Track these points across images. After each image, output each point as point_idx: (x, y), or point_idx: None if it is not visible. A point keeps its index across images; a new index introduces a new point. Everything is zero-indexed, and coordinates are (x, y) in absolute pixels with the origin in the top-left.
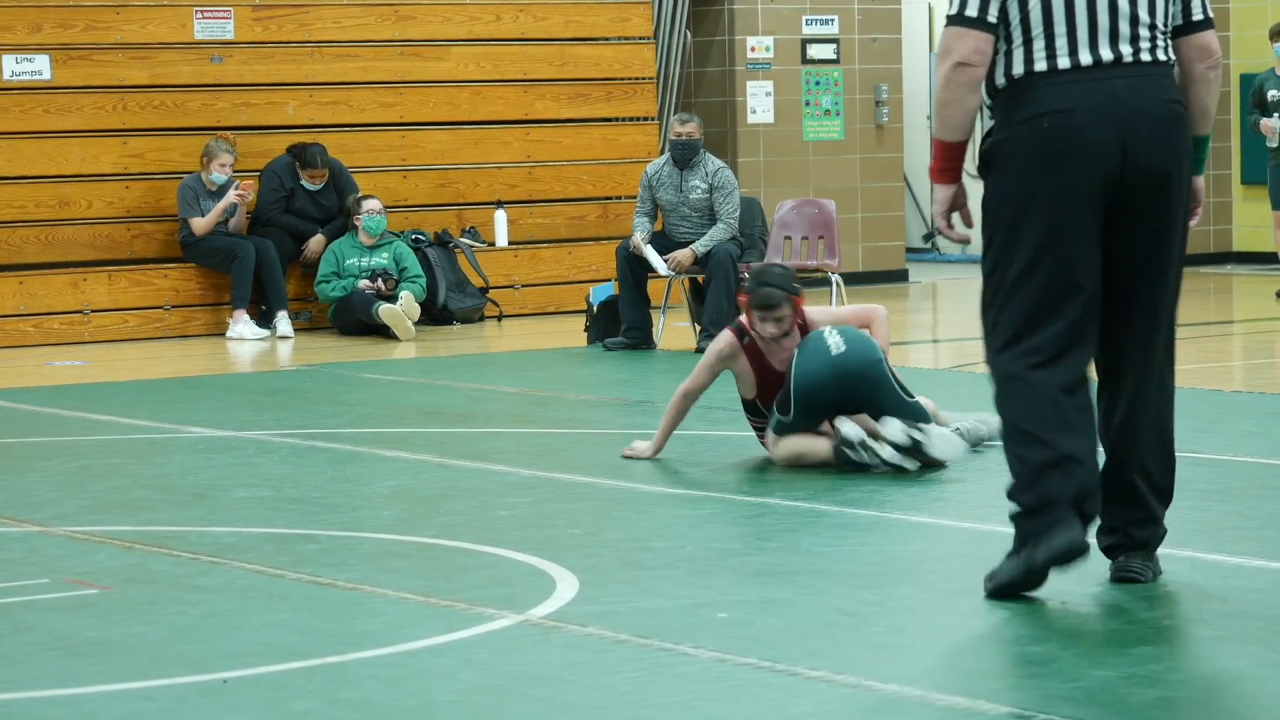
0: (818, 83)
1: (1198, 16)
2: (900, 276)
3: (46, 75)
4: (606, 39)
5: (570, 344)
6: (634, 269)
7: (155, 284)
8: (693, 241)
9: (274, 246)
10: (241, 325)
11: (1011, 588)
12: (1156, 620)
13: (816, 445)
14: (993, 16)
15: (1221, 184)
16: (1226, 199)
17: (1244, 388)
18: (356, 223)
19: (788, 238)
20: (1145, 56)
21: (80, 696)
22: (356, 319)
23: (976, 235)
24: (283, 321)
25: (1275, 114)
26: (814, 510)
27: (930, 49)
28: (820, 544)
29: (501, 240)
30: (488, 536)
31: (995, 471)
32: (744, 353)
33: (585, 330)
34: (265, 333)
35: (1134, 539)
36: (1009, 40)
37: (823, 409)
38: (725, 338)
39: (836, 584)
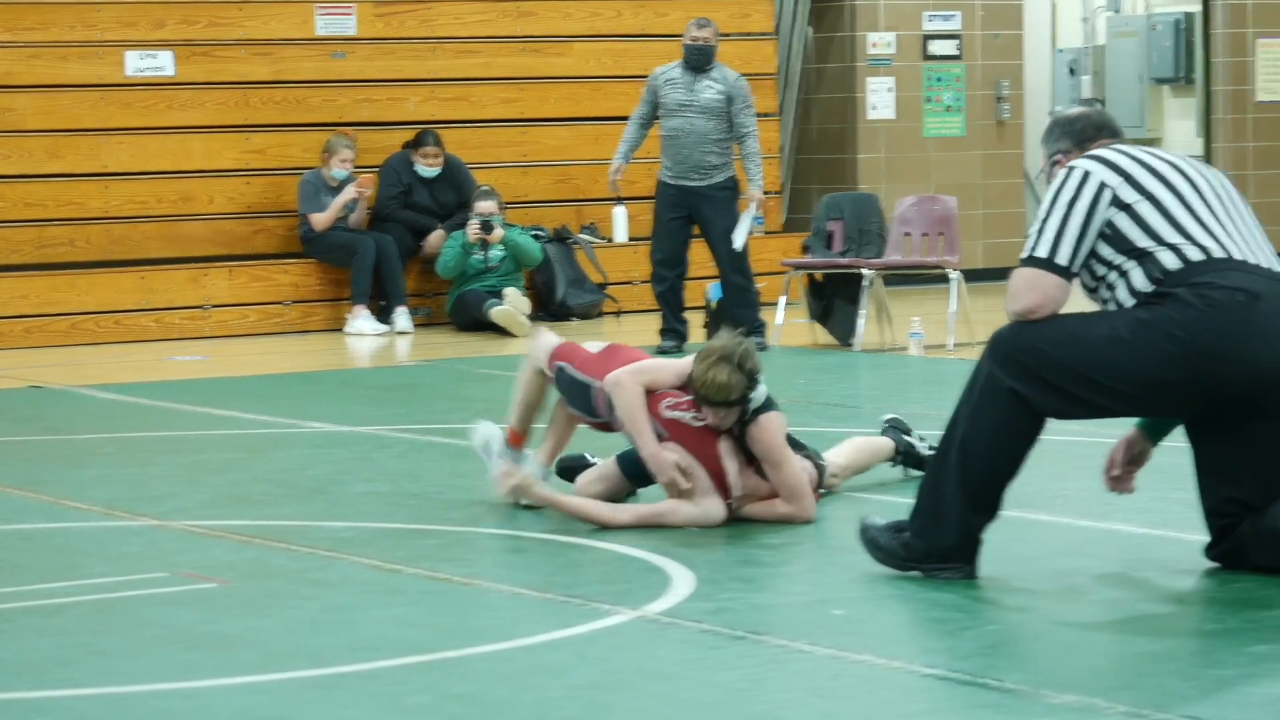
0: (939, 79)
1: None
2: None
3: (170, 71)
4: (727, 35)
5: (689, 340)
6: (670, 298)
7: (275, 279)
8: (695, 155)
9: (394, 242)
10: (360, 321)
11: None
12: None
13: None
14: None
15: None
16: None
17: None
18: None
19: (907, 234)
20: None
21: (198, 690)
22: (472, 316)
23: None
24: (401, 317)
25: None
26: None
27: (1053, 45)
28: None
29: (621, 236)
30: (604, 532)
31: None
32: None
33: (704, 327)
34: (384, 328)
35: None
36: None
37: None
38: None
39: (951, 582)
